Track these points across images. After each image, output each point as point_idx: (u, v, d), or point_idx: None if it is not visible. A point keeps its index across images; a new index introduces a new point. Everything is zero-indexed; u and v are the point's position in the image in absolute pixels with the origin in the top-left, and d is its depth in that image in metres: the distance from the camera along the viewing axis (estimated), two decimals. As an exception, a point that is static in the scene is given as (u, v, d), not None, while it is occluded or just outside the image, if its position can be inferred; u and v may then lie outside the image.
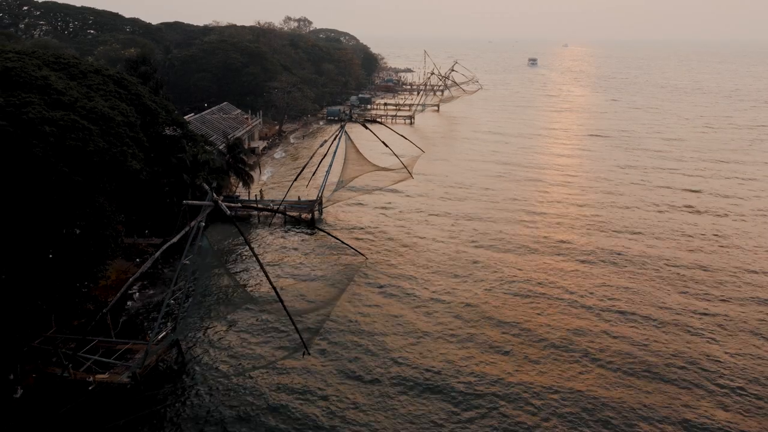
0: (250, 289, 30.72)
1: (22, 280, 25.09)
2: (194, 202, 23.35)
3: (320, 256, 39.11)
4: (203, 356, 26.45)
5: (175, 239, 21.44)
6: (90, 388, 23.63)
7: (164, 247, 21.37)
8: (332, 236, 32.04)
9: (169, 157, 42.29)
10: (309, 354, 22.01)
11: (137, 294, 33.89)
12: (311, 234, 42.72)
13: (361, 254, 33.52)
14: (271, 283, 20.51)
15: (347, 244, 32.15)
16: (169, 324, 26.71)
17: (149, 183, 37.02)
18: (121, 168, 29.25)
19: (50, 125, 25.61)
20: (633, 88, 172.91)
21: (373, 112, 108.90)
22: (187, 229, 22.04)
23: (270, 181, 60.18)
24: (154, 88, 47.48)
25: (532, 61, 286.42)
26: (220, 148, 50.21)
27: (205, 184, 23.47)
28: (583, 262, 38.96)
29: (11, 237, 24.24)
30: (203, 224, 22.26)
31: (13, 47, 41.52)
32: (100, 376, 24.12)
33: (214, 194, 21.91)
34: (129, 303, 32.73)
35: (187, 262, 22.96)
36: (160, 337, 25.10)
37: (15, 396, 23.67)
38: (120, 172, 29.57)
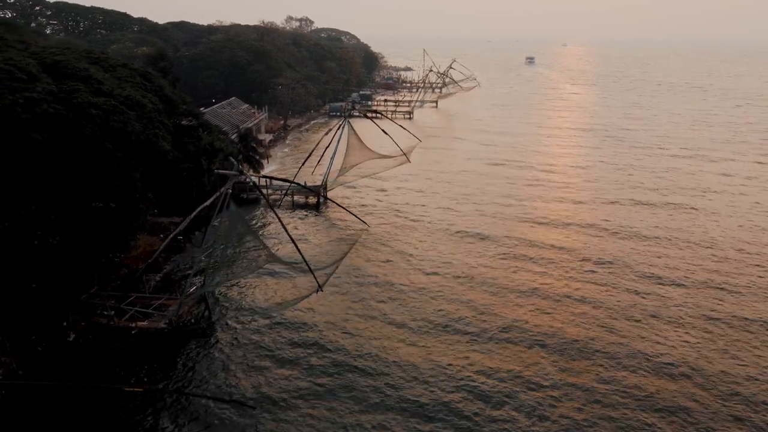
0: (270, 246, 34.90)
1: (72, 244, 29.12)
2: (223, 171, 27.35)
3: (327, 226, 43.31)
4: (227, 308, 30.53)
5: (207, 202, 25.43)
6: (133, 332, 27.66)
7: (199, 208, 25.37)
8: (337, 204, 36.03)
9: (188, 144, 46.30)
10: (322, 290, 26.01)
11: (166, 264, 37.85)
12: (317, 212, 46.86)
13: (364, 222, 37.43)
14: (288, 233, 24.56)
15: (351, 212, 36.20)
16: (197, 281, 30.67)
17: (172, 165, 41.00)
18: (153, 148, 33.30)
19: (95, 109, 29.59)
20: (628, 85, 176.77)
21: (374, 108, 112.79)
22: (217, 194, 26.00)
23: (276, 170, 64.11)
24: (172, 82, 51.48)
25: (530, 60, 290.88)
26: (232, 137, 54.20)
27: (231, 158, 27.33)
28: (562, 242, 43.05)
29: (64, 205, 28.25)
30: (230, 191, 26.23)
31: (47, 44, 45.61)
32: (141, 324, 28.16)
33: (240, 166, 25.84)
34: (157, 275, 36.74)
35: (216, 224, 26.93)
36: (191, 290, 29.09)
37: (69, 339, 27.68)
38: (152, 152, 33.63)
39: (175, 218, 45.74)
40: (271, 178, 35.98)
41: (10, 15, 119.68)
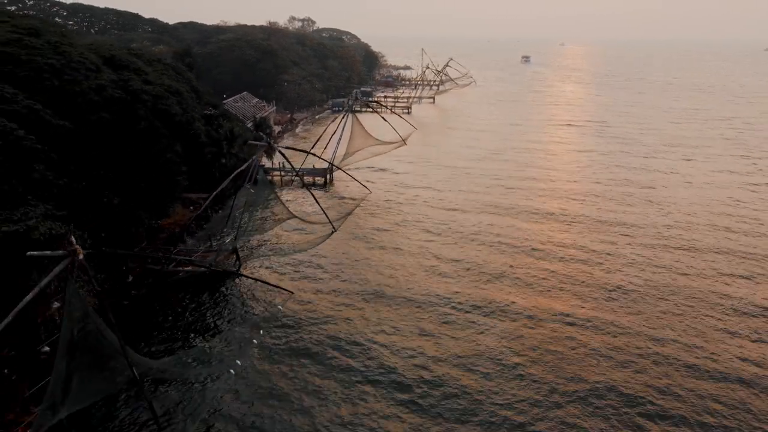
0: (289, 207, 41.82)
1: (128, 204, 35.54)
2: (254, 142, 33.77)
3: (335, 197, 50.02)
4: (254, 258, 37.06)
5: (243, 167, 31.89)
6: (180, 275, 34.13)
7: (237, 171, 31.80)
8: (344, 171, 42.62)
9: (211, 131, 52.75)
10: (336, 231, 32.49)
11: (197, 231, 44.32)
12: (325, 190, 53.52)
13: (366, 188, 43.92)
14: (309, 190, 30.95)
15: (356, 180, 42.73)
16: (230, 236, 37.20)
17: (200, 147, 47.41)
18: (191, 128, 39.82)
19: (146, 94, 36.09)
20: (621, 84, 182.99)
21: (373, 106, 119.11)
22: (249, 161, 32.40)
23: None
24: (196, 76, 57.99)
25: (526, 59, 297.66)
26: (248, 125, 60.67)
27: (260, 133, 33.70)
28: (538, 219, 49.54)
29: (123, 172, 34.66)
30: (257, 160, 32.63)
31: (92, 41, 51.98)
32: (186, 269, 34.65)
33: (267, 138, 32.24)
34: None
35: (248, 186, 33.35)
36: (226, 242, 35.53)
37: (128, 281, 34.14)
38: (189, 131, 40.13)
39: (202, 194, 52.34)
40: (291, 149, 42.08)
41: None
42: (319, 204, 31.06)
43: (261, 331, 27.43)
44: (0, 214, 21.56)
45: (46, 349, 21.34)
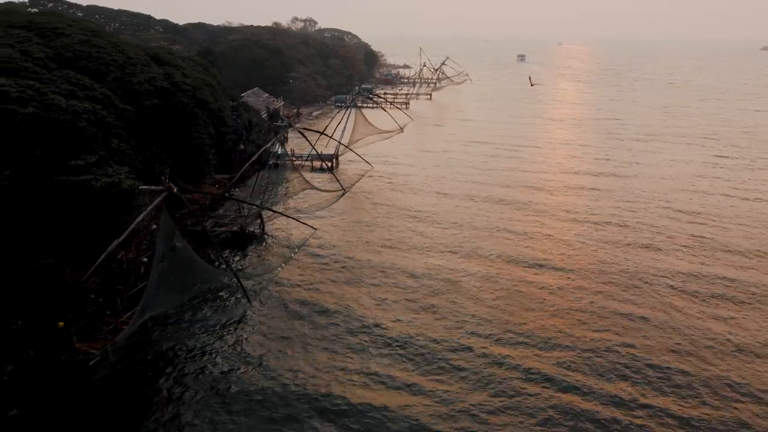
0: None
1: (173, 176, 42.70)
2: (278, 124, 40.99)
3: (343, 174, 57.18)
4: (275, 222, 44.34)
5: (268, 145, 39.09)
6: (215, 233, 41.39)
7: (261, 149, 38.97)
8: (351, 149, 49.97)
9: (233, 120, 59.96)
10: (346, 193, 39.75)
11: (220, 207, 51.57)
12: (332, 173, 60.95)
13: (369, 164, 51.18)
14: (327, 166, 38.09)
15: (360, 156, 50.04)
16: (256, 204, 44.44)
17: (224, 134, 54.59)
18: (221, 115, 47.07)
19: (186, 85, 43.34)
20: (613, 81, 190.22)
21: (374, 99, 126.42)
22: (273, 140, 39.63)
23: (294, 146, 77.69)
24: (218, 71, 65.26)
25: (521, 57, 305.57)
26: (263, 115, 67.96)
27: (283, 116, 40.81)
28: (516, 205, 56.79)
29: (168, 149, 41.88)
30: (281, 138, 39.85)
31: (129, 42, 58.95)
32: (221, 229, 41.94)
33: (289, 121, 39.48)
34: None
35: (271, 162, 40.59)
36: (253, 209, 42.82)
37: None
38: (219, 118, 47.38)
39: (225, 175, 59.72)
40: (308, 129, 49.07)
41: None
42: (332, 171, 38.31)
43: (296, 250, 34.95)
44: (97, 171, 28.77)
45: (144, 259, 28.62)
